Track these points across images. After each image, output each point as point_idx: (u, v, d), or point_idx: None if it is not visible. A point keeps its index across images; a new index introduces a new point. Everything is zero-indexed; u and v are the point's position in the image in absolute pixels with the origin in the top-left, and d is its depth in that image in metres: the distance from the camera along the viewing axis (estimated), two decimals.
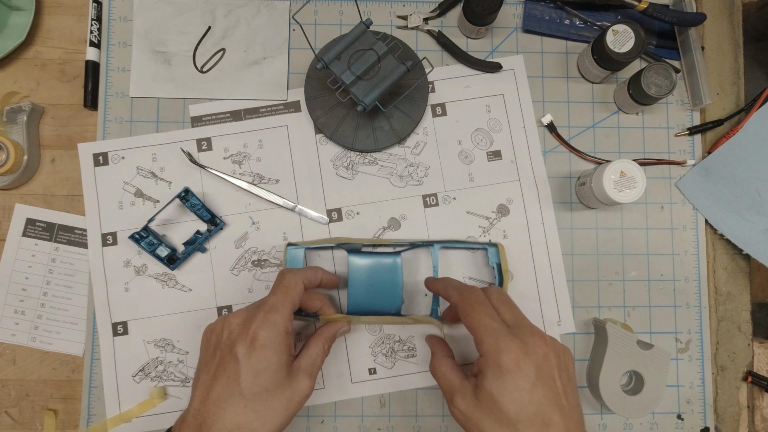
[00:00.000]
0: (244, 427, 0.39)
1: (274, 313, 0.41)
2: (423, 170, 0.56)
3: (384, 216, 0.56)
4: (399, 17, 0.58)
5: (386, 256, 0.53)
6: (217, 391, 0.40)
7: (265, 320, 0.41)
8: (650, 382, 0.52)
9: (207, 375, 0.41)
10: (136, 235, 0.53)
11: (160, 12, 0.57)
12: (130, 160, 0.56)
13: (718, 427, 0.55)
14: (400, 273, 0.53)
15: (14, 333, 0.55)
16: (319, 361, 0.45)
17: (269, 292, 0.44)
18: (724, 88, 0.58)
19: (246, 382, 0.39)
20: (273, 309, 0.42)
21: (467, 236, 0.56)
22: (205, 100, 0.57)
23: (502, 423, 0.36)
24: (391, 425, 0.55)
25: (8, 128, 0.55)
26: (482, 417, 0.37)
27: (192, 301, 0.55)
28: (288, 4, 0.58)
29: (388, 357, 0.55)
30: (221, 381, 0.40)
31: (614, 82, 0.58)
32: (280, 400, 0.41)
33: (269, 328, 0.41)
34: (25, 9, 0.56)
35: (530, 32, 0.58)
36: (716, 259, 0.57)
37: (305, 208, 0.55)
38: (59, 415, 0.55)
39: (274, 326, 0.41)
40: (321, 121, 0.55)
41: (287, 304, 0.43)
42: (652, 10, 0.55)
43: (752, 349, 0.56)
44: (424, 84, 0.56)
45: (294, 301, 0.43)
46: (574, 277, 0.56)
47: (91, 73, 0.56)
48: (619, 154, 0.57)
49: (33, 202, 0.56)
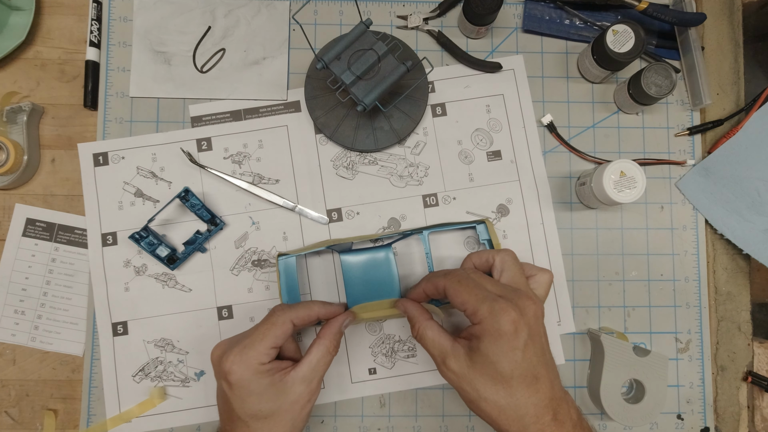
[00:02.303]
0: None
1: (249, 349, 0.43)
2: (423, 170, 0.56)
3: (384, 216, 0.56)
4: (399, 17, 0.58)
5: (378, 250, 0.53)
6: (226, 413, 0.45)
7: (239, 356, 0.43)
8: (651, 388, 0.52)
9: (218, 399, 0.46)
10: (136, 235, 0.53)
11: (160, 12, 0.57)
12: (130, 160, 0.56)
13: (718, 427, 0.55)
14: (394, 265, 0.53)
15: (14, 333, 0.55)
16: (321, 364, 0.45)
17: (254, 326, 0.46)
18: (724, 88, 0.58)
19: (238, 409, 0.43)
20: (249, 345, 0.43)
21: (467, 236, 0.56)
22: (205, 100, 0.57)
23: (496, 380, 0.39)
24: (391, 425, 0.55)
25: (8, 128, 0.55)
26: (476, 376, 0.40)
27: (192, 301, 0.55)
28: (288, 4, 0.58)
29: (388, 357, 0.55)
30: (226, 407, 0.44)
31: (614, 82, 0.58)
32: (279, 414, 0.43)
33: (241, 364, 0.43)
34: (25, 9, 0.56)
35: (530, 32, 0.58)
36: (716, 259, 0.57)
37: (305, 208, 0.55)
38: (59, 415, 0.55)
39: (246, 362, 0.43)
40: (321, 121, 0.55)
41: (267, 340, 0.44)
42: (652, 10, 0.55)
43: (752, 349, 0.56)
44: (424, 84, 0.56)
45: (276, 340, 0.44)
46: (574, 277, 0.56)
47: (91, 73, 0.56)
48: (619, 154, 0.57)
49: (33, 202, 0.56)
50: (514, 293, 0.41)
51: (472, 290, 0.41)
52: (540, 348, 0.40)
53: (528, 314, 0.40)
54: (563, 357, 0.55)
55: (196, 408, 0.54)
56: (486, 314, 0.39)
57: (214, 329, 0.55)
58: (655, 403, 0.52)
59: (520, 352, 0.39)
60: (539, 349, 0.40)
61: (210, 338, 0.55)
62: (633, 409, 0.52)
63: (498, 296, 0.41)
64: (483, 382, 0.39)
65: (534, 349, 0.40)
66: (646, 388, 0.52)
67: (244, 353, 0.43)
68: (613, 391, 0.52)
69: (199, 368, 0.55)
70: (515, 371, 0.39)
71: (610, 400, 0.52)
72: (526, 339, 0.39)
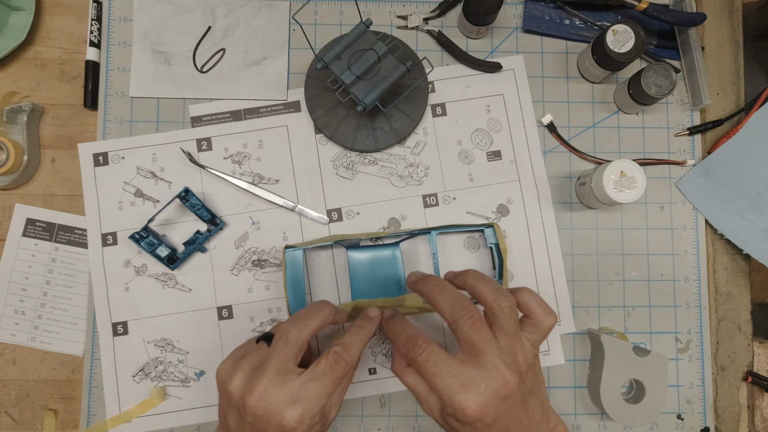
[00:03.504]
0: None
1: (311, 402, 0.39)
2: (423, 170, 0.56)
3: (384, 216, 0.56)
4: (399, 17, 0.58)
5: (385, 248, 0.53)
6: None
7: (300, 413, 0.39)
8: (651, 388, 0.52)
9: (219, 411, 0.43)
10: (136, 235, 0.53)
11: (160, 12, 0.57)
12: (130, 160, 0.56)
13: (718, 427, 0.55)
14: (400, 263, 0.53)
15: (14, 333, 0.55)
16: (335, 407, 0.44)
17: (270, 349, 0.41)
18: (724, 88, 0.58)
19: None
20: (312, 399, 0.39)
21: (467, 236, 0.56)
22: (205, 100, 0.57)
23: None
24: (391, 425, 0.55)
25: (8, 128, 0.55)
26: (448, 427, 0.41)
27: (192, 301, 0.55)
28: (288, 4, 0.58)
29: (388, 357, 0.55)
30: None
31: (614, 82, 0.58)
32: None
33: (305, 422, 0.39)
34: (25, 9, 0.56)
35: (530, 32, 0.58)
36: (716, 259, 0.57)
37: (305, 208, 0.55)
38: (59, 415, 0.55)
39: (309, 418, 0.39)
40: (321, 121, 0.55)
41: (327, 391, 0.40)
42: (652, 10, 0.55)
43: (752, 349, 0.56)
44: (424, 84, 0.56)
45: (296, 360, 0.41)
46: (574, 277, 0.56)
47: (91, 73, 0.56)
48: (619, 154, 0.57)
49: (33, 202, 0.56)
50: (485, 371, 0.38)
51: (436, 374, 0.39)
52: (513, 417, 0.39)
53: (498, 396, 0.38)
54: (563, 357, 0.55)
55: (196, 408, 0.54)
56: (448, 402, 0.38)
57: (214, 329, 0.55)
58: (655, 403, 0.52)
59: (486, 428, 0.39)
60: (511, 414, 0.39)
61: (210, 338, 0.55)
62: (633, 409, 0.52)
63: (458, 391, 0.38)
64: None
65: (503, 423, 0.39)
66: (646, 388, 0.52)
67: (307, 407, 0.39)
68: (613, 391, 0.52)
69: (199, 368, 0.55)
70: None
71: (610, 400, 0.52)
72: (491, 422, 0.38)
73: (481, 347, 0.39)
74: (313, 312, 0.43)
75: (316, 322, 0.42)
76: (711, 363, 0.56)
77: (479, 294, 0.42)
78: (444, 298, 0.42)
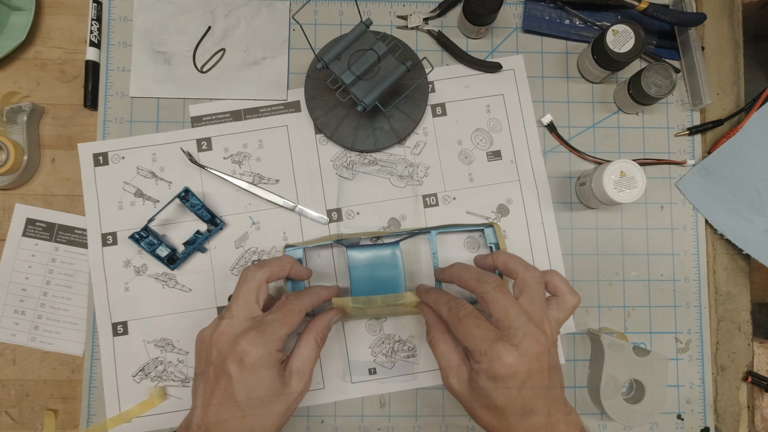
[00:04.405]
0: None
1: (268, 333, 0.42)
2: (423, 170, 0.56)
3: (384, 216, 0.56)
4: (399, 17, 0.58)
5: (385, 247, 0.54)
6: (215, 403, 0.42)
7: (259, 338, 0.41)
8: (651, 388, 0.52)
9: (204, 387, 0.43)
10: (136, 235, 0.53)
11: (160, 12, 0.57)
12: (130, 160, 0.56)
13: (718, 427, 0.55)
14: (400, 262, 0.53)
15: (14, 333, 0.55)
16: (312, 357, 0.45)
17: (269, 311, 0.44)
18: (724, 88, 0.58)
19: (240, 395, 0.41)
20: (268, 330, 0.42)
21: (467, 236, 0.56)
22: (205, 100, 0.57)
23: (491, 409, 0.41)
24: (391, 425, 0.55)
25: (8, 128, 0.55)
26: (473, 400, 0.42)
27: (192, 301, 0.55)
28: (288, 4, 0.58)
29: (388, 357, 0.55)
30: (217, 394, 0.42)
31: (614, 82, 0.58)
32: (276, 405, 0.42)
33: (260, 346, 0.41)
34: (25, 9, 0.56)
35: (530, 32, 0.58)
36: (716, 259, 0.57)
37: (305, 208, 0.55)
38: (59, 415, 0.55)
39: (265, 345, 0.41)
40: (321, 121, 0.55)
41: (285, 328, 0.43)
42: (652, 10, 0.55)
43: (752, 349, 0.56)
44: (424, 84, 0.56)
45: (292, 328, 0.44)
46: (574, 277, 0.56)
47: (91, 73, 0.56)
48: (619, 154, 0.57)
49: (33, 202, 0.56)
50: (519, 332, 0.40)
51: (470, 330, 0.41)
52: (540, 383, 0.40)
53: (528, 355, 0.39)
54: (563, 357, 0.55)
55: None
56: (482, 356, 0.40)
57: None
58: (655, 403, 0.52)
59: (515, 390, 0.39)
60: (538, 385, 0.40)
61: None
62: (633, 409, 0.52)
63: (497, 337, 0.40)
64: (479, 406, 0.41)
65: (532, 385, 0.40)
66: (646, 388, 0.52)
67: (264, 337, 0.41)
68: (613, 391, 0.52)
69: None
70: (509, 405, 0.40)
71: (610, 400, 0.52)
72: (523, 379, 0.39)
73: (512, 315, 0.41)
74: (275, 259, 0.48)
75: (275, 266, 0.46)
76: (711, 363, 0.56)
77: (511, 268, 0.44)
78: (469, 273, 0.45)
